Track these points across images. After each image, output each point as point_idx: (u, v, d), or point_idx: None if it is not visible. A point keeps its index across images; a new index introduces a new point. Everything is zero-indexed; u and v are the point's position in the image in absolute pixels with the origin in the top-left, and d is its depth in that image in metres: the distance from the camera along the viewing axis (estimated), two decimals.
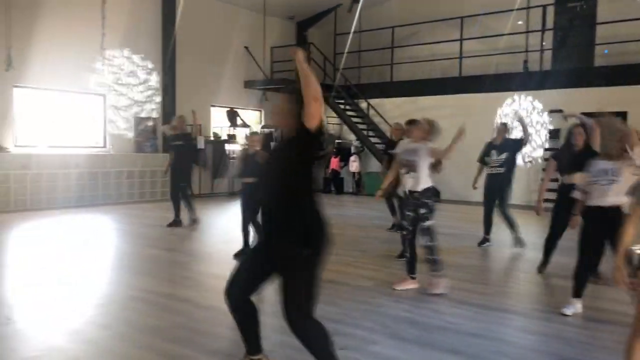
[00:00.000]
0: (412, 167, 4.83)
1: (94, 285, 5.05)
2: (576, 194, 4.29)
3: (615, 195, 3.89)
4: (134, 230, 8.21)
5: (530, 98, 12.00)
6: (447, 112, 11.77)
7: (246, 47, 14.32)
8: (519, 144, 7.11)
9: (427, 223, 4.79)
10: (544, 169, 11.76)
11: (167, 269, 5.70)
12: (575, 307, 4.24)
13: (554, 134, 11.69)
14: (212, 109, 13.77)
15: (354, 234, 8.08)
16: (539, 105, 11.94)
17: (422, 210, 4.79)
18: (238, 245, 6.40)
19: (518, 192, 11.20)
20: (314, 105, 2.57)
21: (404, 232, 5.00)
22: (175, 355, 3.35)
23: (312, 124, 2.60)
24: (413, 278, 5.01)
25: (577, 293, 4.25)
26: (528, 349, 3.56)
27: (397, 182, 5.61)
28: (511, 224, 6.97)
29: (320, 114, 2.61)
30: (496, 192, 6.96)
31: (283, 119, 2.77)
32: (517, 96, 12.12)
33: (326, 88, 14.47)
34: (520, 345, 3.63)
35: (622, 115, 10.71)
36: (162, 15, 12.55)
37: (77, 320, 3.98)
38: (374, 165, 13.82)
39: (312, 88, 2.58)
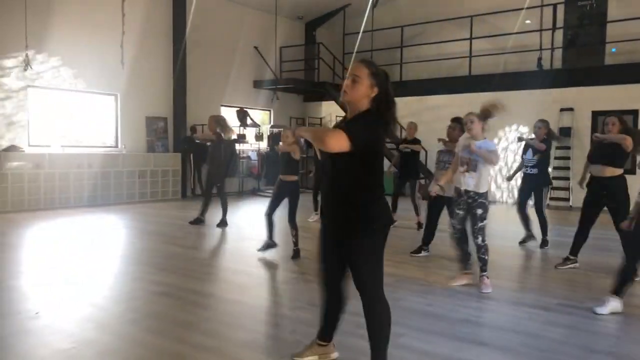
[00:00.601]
0: (471, 166, 4.75)
1: (118, 281, 5.08)
2: None
3: None
4: (150, 228, 8.24)
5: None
6: (457, 111, 11.69)
7: (255, 47, 14.36)
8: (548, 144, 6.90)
9: (482, 223, 4.75)
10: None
11: (188, 265, 5.73)
12: (612, 305, 4.15)
13: (565, 133, 11.68)
14: (222, 108, 13.82)
15: None
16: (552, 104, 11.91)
17: (480, 211, 4.72)
18: (254, 242, 6.43)
19: None
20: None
21: (454, 232, 5.00)
22: (207, 347, 3.38)
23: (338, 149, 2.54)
24: (467, 273, 5.01)
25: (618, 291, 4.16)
26: (557, 341, 3.56)
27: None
28: (542, 225, 6.88)
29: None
30: (530, 192, 6.92)
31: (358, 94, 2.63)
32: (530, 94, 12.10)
33: (336, 87, 14.51)
34: (549, 337, 3.64)
35: (634, 113, 10.72)
36: (173, 16, 12.60)
37: (105, 315, 4.01)
38: (385, 164, 13.84)
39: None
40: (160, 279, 5.10)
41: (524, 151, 6.98)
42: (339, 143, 2.50)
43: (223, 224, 8.27)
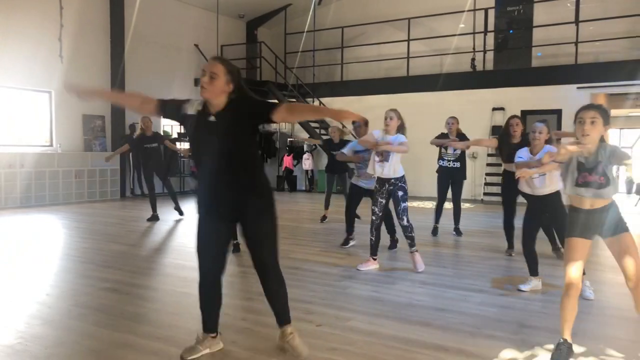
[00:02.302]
0: (384, 157, 5.20)
1: (62, 279, 4.99)
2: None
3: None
4: (91, 227, 8.07)
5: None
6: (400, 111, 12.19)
7: (196, 45, 14.24)
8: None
9: (405, 204, 5.24)
10: (488, 164, 12.42)
11: (133, 262, 5.69)
12: (533, 283, 4.64)
13: (497, 131, 12.35)
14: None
15: (313, 227, 8.26)
16: (483, 103, 12.53)
17: (401, 193, 5.22)
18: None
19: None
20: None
21: (374, 217, 5.32)
22: (158, 336, 3.43)
23: (279, 120, 2.87)
24: (375, 259, 5.42)
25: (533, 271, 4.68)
26: (490, 319, 3.86)
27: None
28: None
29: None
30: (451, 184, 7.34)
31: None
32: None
33: (278, 87, 14.63)
34: (482, 316, 3.93)
35: (557, 112, 11.49)
36: (111, 11, 12.30)
37: (51, 312, 3.96)
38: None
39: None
40: (106, 275, 5.06)
41: (445, 146, 7.28)
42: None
43: (155, 218, 8.56)
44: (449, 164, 7.27)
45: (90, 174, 11.64)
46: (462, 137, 7.27)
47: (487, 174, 12.53)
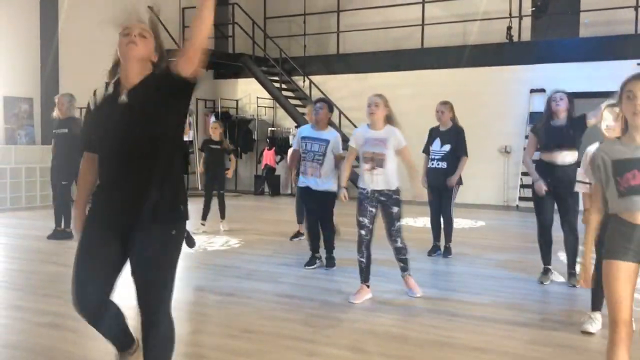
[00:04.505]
0: (376, 162, 5.14)
1: None
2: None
3: None
4: (18, 244, 8.02)
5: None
6: (406, 92, 12.25)
7: (150, 8, 14.06)
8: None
9: (399, 223, 5.24)
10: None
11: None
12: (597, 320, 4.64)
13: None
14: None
15: (300, 243, 8.22)
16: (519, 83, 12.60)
17: (395, 209, 5.19)
18: None
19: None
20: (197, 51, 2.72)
21: (363, 232, 5.24)
22: None
23: (188, 70, 2.72)
24: (368, 286, 5.35)
25: None
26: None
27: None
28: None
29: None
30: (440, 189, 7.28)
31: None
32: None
33: (256, 61, 14.61)
34: (535, 357, 3.94)
35: (612, 95, 11.59)
36: None
37: None
38: None
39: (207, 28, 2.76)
40: (42, 306, 5.02)
41: (431, 141, 7.26)
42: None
43: (57, 235, 8.08)
44: (434, 164, 7.20)
45: (14, 174, 11.50)
46: (456, 130, 7.20)
47: (523, 174, 12.58)
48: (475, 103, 12.60)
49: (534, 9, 13.02)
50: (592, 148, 4.44)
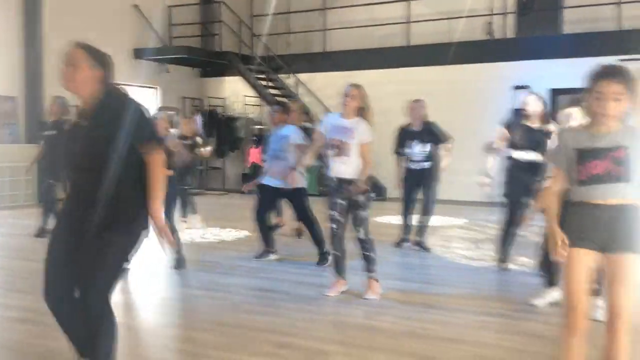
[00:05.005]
0: (343, 150, 5.11)
1: None
2: None
3: None
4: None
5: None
6: (392, 90, 12.28)
7: (136, 6, 14.15)
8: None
9: (365, 213, 5.16)
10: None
11: None
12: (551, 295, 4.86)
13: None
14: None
15: (284, 239, 8.27)
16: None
17: (361, 199, 5.13)
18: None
19: None
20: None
21: (334, 226, 5.22)
22: None
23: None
24: (343, 280, 5.35)
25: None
26: (516, 351, 3.93)
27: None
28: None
29: None
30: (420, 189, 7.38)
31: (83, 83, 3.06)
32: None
33: (243, 59, 14.63)
34: (506, 347, 4.00)
35: None
36: None
37: None
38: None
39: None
40: (15, 302, 5.06)
41: (406, 142, 7.25)
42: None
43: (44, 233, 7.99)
44: (416, 166, 7.26)
45: None
46: (429, 127, 7.26)
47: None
48: (460, 100, 12.70)
49: (518, 6, 13.13)
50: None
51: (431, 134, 7.23)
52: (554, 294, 4.78)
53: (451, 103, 12.27)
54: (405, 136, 7.31)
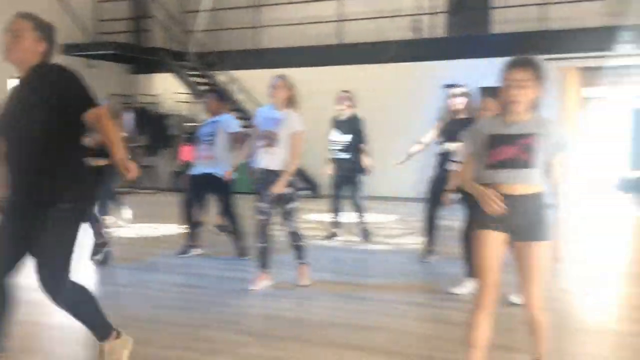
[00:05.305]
0: (273, 141, 5.13)
1: None
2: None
3: None
4: None
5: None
6: (324, 88, 12.29)
7: (63, 0, 13.75)
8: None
9: (293, 205, 5.22)
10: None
11: None
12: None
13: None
14: (11, 82, 13.05)
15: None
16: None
17: (288, 190, 5.16)
18: None
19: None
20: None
21: (262, 217, 5.23)
22: None
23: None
24: (267, 273, 5.32)
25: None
26: (429, 337, 3.99)
27: None
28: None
29: None
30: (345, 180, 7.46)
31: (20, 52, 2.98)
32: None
33: (174, 56, 14.42)
34: (420, 334, 4.06)
35: None
36: None
37: None
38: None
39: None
40: None
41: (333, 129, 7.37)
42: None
43: None
44: (337, 155, 7.34)
45: None
46: (354, 120, 7.36)
47: None
48: (391, 98, 12.87)
49: (449, 5, 13.40)
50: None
51: (353, 128, 7.30)
52: (475, 284, 4.87)
53: (383, 101, 12.43)
54: (332, 124, 7.46)
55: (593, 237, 8.68)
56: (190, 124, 15.10)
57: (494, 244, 2.97)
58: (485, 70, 12.16)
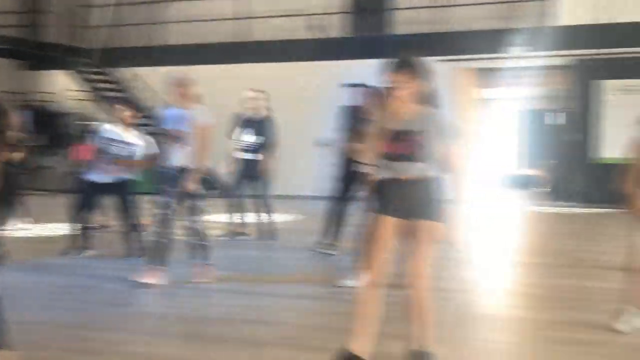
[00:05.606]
0: (181, 139, 5.17)
1: None
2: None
3: None
4: None
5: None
6: (229, 86, 12.27)
7: None
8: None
9: (198, 202, 5.23)
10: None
11: None
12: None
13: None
14: None
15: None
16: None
17: (195, 187, 5.16)
18: None
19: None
20: None
21: (166, 212, 5.20)
22: None
23: None
24: (163, 268, 5.23)
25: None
26: (310, 328, 4.11)
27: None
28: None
29: None
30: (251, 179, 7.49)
31: None
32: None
33: (74, 52, 13.99)
34: (302, 325, 4.16)
35: None
36: None
37: None
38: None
39: None
40: None
41: (240, 129, 7.33)
42: None
43: None
44: (247, 156, 7.35)
45: None
46: (266, 122, 7.40)
47: None
48: (295, 97, 12.95)
49: (352, 6, 13.63)
50: None
51: (265, 129, 7.32)
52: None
53: (286, 100, 12.48)
54: (239, 123, 7.37)
55: (487, 230, 9.10)
56: (88, 123, 14.69)
57: (385, 229, 3.18)
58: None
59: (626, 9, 11.25)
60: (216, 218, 9.36)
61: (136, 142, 6.38)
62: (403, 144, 3.13)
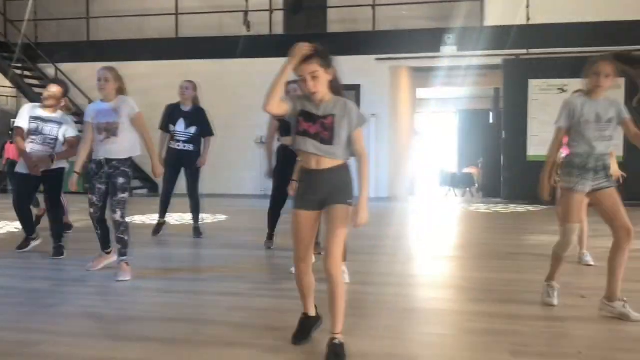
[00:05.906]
0: (112, 132, 5.20)
1: None
2: None
3: None
4: None
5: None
6: (161, 82, 12.07)
7: None
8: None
9: (123, 195, 5.21)
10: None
11: None
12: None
13: None
14: None
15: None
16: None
17: (121, 180, 5.20)
18: None
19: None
20: None
21: (92, 210, 5.31)
22: None
23: None
24: (109, 253, 5.58)
25: None
26: (238, 326, 3.99)
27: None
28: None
29: None
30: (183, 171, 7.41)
31: None
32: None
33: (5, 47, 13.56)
34: (232, 324, 4.05)
35: (356, 88, 12.46)
36: None
37: None
38: None
39: None
40: None
41: (173, 120, 7.24)
42: None
43: None
44: (179, 146, 7.24)
45: None
46: (199, 110, 7.34)
47: None
48: (230, 95, 12.86)
49: (287, 4, 13.59)
50: None
51: (199, 120, 7.25)
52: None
53: (220, 97, 12.36)
54: (172, 114, 7.26)
55: (421, 225, 9.22)
56: (14, 120, 14.18)
57: (305, 223, 3.37)
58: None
59: (553, 10, 11.62)
60: (144, 216, 9.19)
61: (65, 120, 6.25)
62: (317, 126, 3.27)
